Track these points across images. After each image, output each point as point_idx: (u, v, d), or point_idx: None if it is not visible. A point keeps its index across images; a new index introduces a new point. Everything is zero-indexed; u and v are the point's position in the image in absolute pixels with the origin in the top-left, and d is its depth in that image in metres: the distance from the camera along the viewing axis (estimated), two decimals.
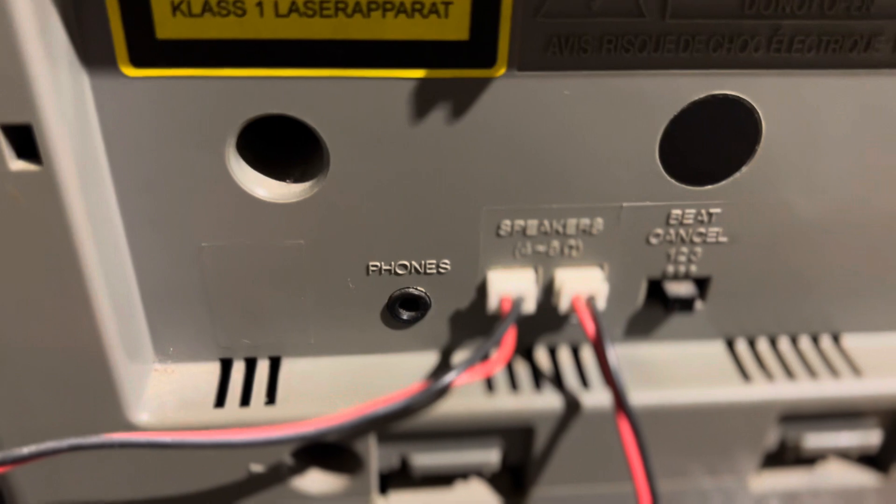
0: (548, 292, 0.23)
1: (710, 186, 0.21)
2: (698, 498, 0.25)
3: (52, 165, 0.17)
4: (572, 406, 0.23)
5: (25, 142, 0.17)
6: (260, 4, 0.17)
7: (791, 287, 0.23)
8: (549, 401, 0.22)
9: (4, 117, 0.16)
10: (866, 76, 0.20)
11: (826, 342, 0.25)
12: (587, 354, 0.24)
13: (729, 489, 0.25)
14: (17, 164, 0.17)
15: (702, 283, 0.23)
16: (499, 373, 0.23)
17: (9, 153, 0.17)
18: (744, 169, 0.21)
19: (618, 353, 0.24)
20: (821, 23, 0.19)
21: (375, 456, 0.23)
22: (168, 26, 0.17)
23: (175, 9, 0.17)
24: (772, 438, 0.24)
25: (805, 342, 0.24)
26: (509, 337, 0.21)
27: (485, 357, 0.21)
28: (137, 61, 0.18)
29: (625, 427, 0.21)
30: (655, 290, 0.23)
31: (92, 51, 0.18)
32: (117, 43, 0.18)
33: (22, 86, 0.16)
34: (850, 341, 0.25)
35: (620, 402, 0.21)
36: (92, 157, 0.18)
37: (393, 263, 0.22)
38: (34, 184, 0.17)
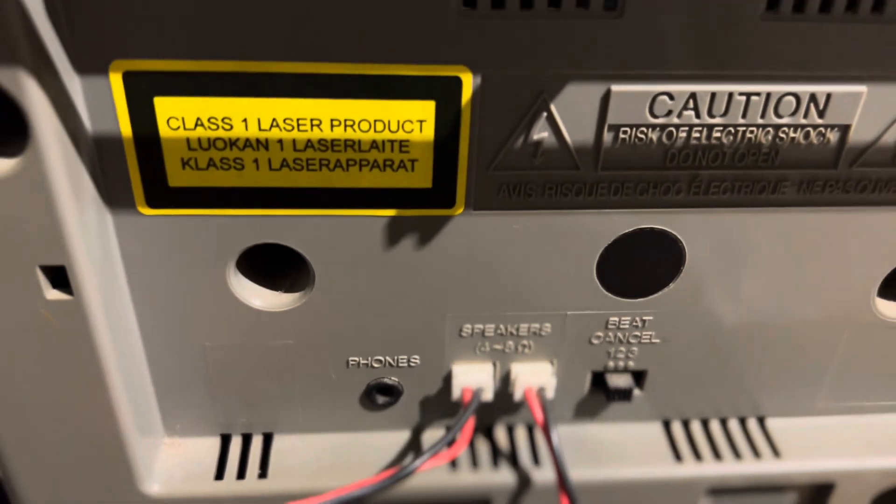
0: (505, 382, 0.26)
1: (642, 299, 0.24)
2: None
3: (81, 295, 0.20)
4: (524, 481, 0.26)
5: (60, 276, 0.20)
6: (256, 161, 0.21)
7: (720, 377, 0.27)
8: (505, 477, 0.26)
9: (42, 260, 0.20)
10: (776, 213, 0.23)
11: (752, 424, 0.28)
12: (540, 434, 0.27)
13: None
14: (52, 294, 0.21)
15: (639, 375, 0.27)
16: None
17: (45, 285, 0.20)
18: (671, 285, 0.24)
19: (566, 434, 0.27)
20: (734, 172, 0.22)
21: None
22: (179, 177, 0.21)
23: (184, 164, 0.21)
24: None
25: (734, 424, 0.28)
26: (469, 425, 0.25)
27: (450, 443, 0.25)
28: (152, 203, 0.21)
29: (564, 503, 0.24)
30: (599, 380, 0.26)
31: (114, 195, 0.21)
32: (135, 189, 0.21)
33: (57, 234, 0.19)
34: (774, 423, 0.28)
35: (562, 481, 0.24)
36: (114, 282, 0.22)
37: (370, 358, 0.25)
38: (66, 309, 0.21)
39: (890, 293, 0.26)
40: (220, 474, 0.25)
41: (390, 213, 0.22)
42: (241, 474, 0.25)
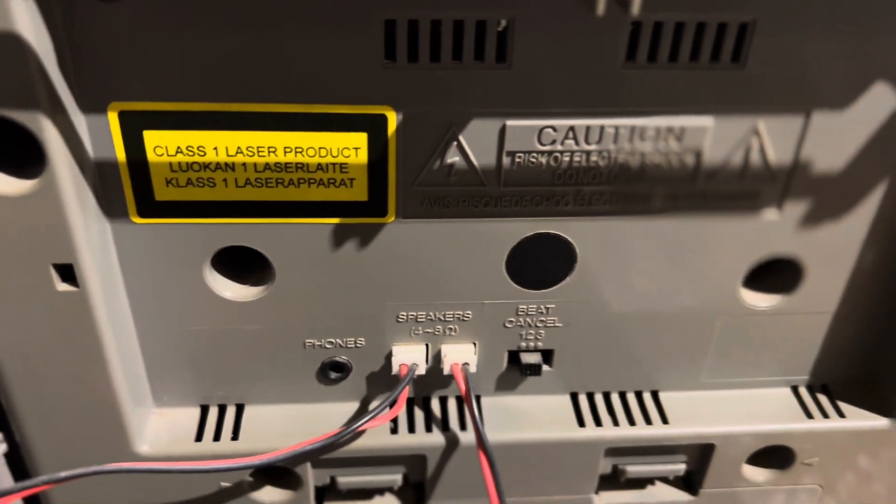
0: (437, 360, 0.31)
1: (545, 290, 0.30)
2: None
3: (85, 288, 0.26)
4: (452, 442, 0.31)
5: (68, 272, 0.26)
6: (225, 180, 0.26)
7: (618, 356, 0.32)
8: (437, 438, 0.31)
9: (54, 259, 0.25)
10: (649, 220, 0.28)
11: (647, 396, 0.33)
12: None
13: (576, 502, 0.34)
14: (62, 287, 0.26)
15: (548, 354, 0.32)
16: (402, 416, 0.32)
17: (56, 279, 0.26)
18: (568, 279, 0.29)
19: (490, 403, 0.32)
20: (610, 187, 0.27)
21: (311, 477, 0.32)
22: (164, 193, 0.26)
23: (168, 182, 0.26)
24: (605, 467, 0.33)
25: (631, 396, 0.33)
26: (404, 394, 0.30)
27: (390, 406, 0.30)
28: (143, 214, 0.26)
29: (483, 459, 0.30)
30: (514, 358, 0.32)
31: (112, 207, 0.26)
32: (129, 202, 0.26)
33: (66, 239, 0.25)
34: (665, 396, 0.33)
35: (480, 441, 0.30)
36: (112, 277, 0.27)
37: (323, 340, 0.30)
38: (73, 299, 0.26)
39: (758, 284, 0.31)
40: (199, 437, 0.31)
41: (335, 221, 0.27)
42: (217, 437, 0.31)
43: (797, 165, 0.27)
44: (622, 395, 0.33)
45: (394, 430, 0.31)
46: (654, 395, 0.33)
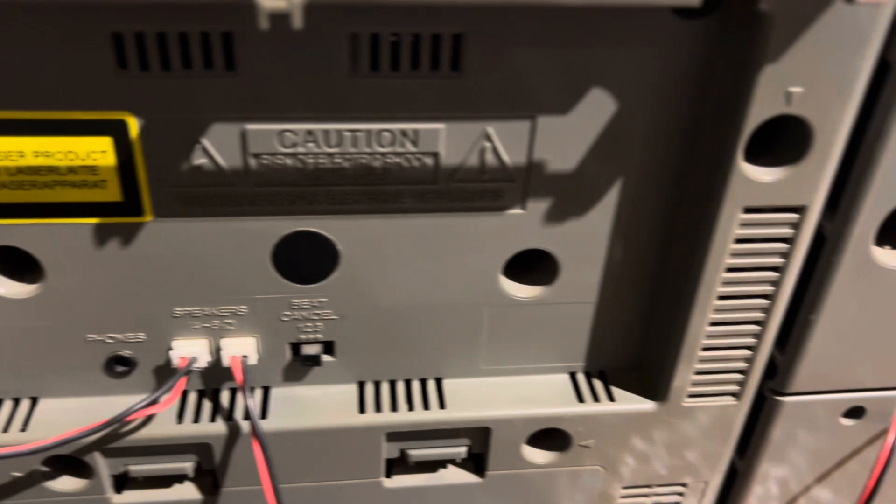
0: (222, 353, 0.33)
1: (314, 285, 0.31)
2: (345, 492, 0.35)
3: None
4: (235, 430, 0.33)
5: None
6: None
7: (399, 346, 0.34)
8: (220, 427, 0.33)
9: None
10: (403, 218, 0.30)
11: (431, 384, 0.35)
12: (258, 394, 0.34)
13: (367, 486, 0.35)
14: None
15: (330, 345, 0.34)
16: (189, 406, 0.33)
17: None
18: (334, 274, 0.31)
19: (278, 394, 0.34)
20: (360, 187, 0.29)
21: (104, 465, 0.33)
22: None
23: None
24: (392, 452, 0.35)
25: (416, 384, 0.35)
26: (179, 385, 0.31)
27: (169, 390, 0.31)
28: None
29: (255, 446, 0.31)
30: (297, 350, 0.33)
31: None
32: None
33: None
34: (449, 383, 0.35)
35: (253, 429, 0.31)
36: None
37: (104, 336, 0.32)
38: None
39: (530, 276, 0.33)
40: None
41: (95, 220, 0.29)
42: (6, 429, 0.32)
43: (532, 166, 0.30)
44: (407, 383, 0.35)
45: (179, 420, 0.33)
46: (438, 382, 0.35)
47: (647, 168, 0.30)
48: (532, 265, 0.33)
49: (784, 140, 0.29)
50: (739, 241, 0.30)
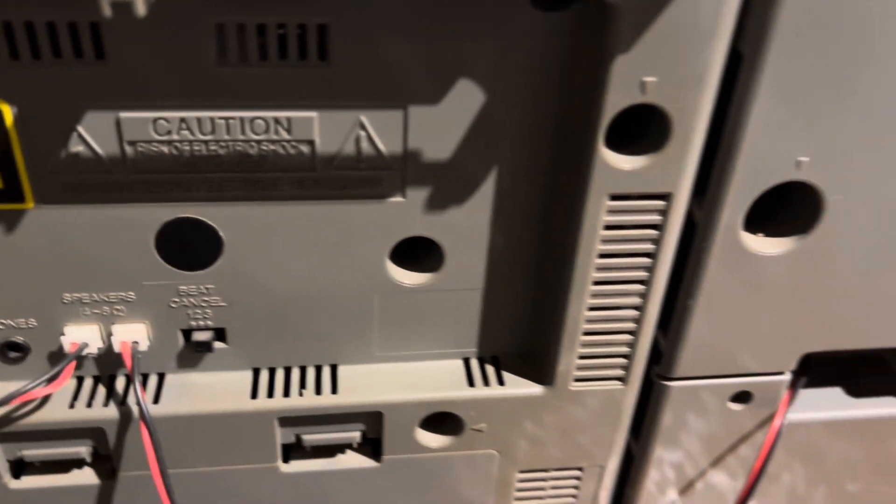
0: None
1: (200, 272, 0.32)
2: (244, 477, 0.36)
3: None
4: (126, 416, 0.33)
5: None
6: None
7: (292, 332, 0.35)
8: (112, 412, 0.33)
9: None
10: (284, 205, 0.31)
11: (326, 370, 0.36)
12: (152, 379, 0.35)
13: (264, 471, 0.36)
14: None
15: (221, 332, 0.34)
16: (84, 392, 0.34)
17: None
18: (220, 261, 0.32)
19: (173, 379, 0.35)
20: (237, 174, 0.30)
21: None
22: None
23: None
24: (288, 437, 0.36)
25: (311, 370, 0.36)
26: (68, 370, 0.32)
27: (49, 381, 0.32)
28: None
29: (143, 430, 0.32)
30: (188, 336, 0.34)
31: None
32: None
33: None
34: (344, 369, 0.36)
35: (141, 413, 0.32)
36: None
37: None
38: None
39: (416, 264, 0.34)
40: None
41: None
42: None
43: (408, 155, 0.30)
44: (302, 370, 0.36)
45: (72, 405, 0.34)
46: (333, 368, 0.36)
47: (520, 157, 0.31)
48: (421, 253, 0.34)
49: (649, 129, 0.30)
50: (609, 227, 0.31)
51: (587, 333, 0.34)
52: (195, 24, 0.27)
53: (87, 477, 0.36)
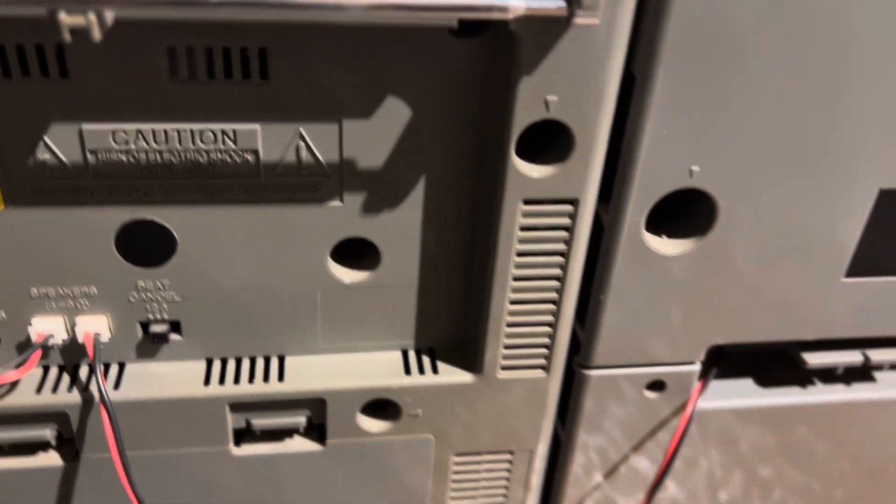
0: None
1: (156, 268, 0.36)
2: (198, 459, 0.39)
3: None
4: (88, 401, 0.37)
5: None
6: None
7: (242, 326, 0.38)
8: (76, 397, 0.36)
9: None
10: (234, 208, 0.34)
11: (275, 361, 0.39)
12: (113, 368, 0.38)
13: (217, 453, 0.39)
14: None
15: (177, 324, 0.38)
16: (50, 378, 0.37)
17: None
18: (173, 259, 0.35)
19: (133, 368, 0.38)
20: (191, 181, 0.33)
21: None
22: None
23: None
24: (239, 422, 0.39)
25: (260, 361, 0.39)
26: (34, 357, 0.35)
27: (17, 366, 0.35)
28: None
29: (104, 414, 0.35)
30: (146, 328, 0.37)
31: None
32: None
33: None
34: (291, 360, 0.39)
35: (101, 398, 0.35)
36: None
37: None
38: None
39: (357, 262, 0.38)
40: None
41: None
42: None
43: (344, 163, 0.34)
44: (252, 360, 0.39)
45: (38, 391, 0.37)
46: (281, 359, 0.40)
47: (446, 166, 0.35)
48: (360, 252, 0.37)
49: (557, 141, 0.34)
50: (525, 229, 0.35)
51: (510, 325, 0.38)
52: (148, 47, 0.30)
53: (51, 459, 0.39)
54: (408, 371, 0.40)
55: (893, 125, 0.35)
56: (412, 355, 0.41)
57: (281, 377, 0.39)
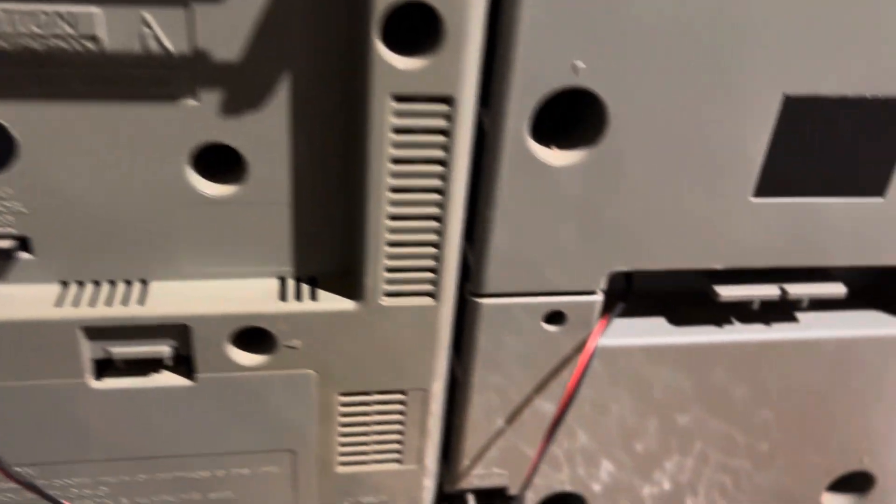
0: None
1: None
2: (54, 392, 0.36)
3: None
4: None
5: None
6: None
7: (99, 245, 0.35)
8: None
9: None
10: (76, 105, 0.31)
11: (137, 285, 0.36)
12: None
13: (74, 386, 0.36)
14: None
15: (26, 241, 0.34)
16: None
17: None
18: (17, 164, 0.32)
19: None
20: (25, 70, 0.30)
21: None
22: None
23: None
24: (98, 352, 0.36)
25: (122, 285, 0.36)
26: None
27: None
28: None
29: None
30: None
31: None
32: None
33: None
34: (155, 284, 0.36)
35: None
36: None
37: None
38: None
39: (223, 176, 0.35)
40: None
41: None
42: None
43: (197, 55, 0.31)
44: (112, 284, 0.36)
45: None
46: (144, 283, 0.36)
47: (312, 60, 0.32)
48: (230, 165, 0.35)
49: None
50: (397, 130, 0.32)
51: (391, 244, 0.35)
52: None
53: None
54: (283, 298, 0.37)
55: (797, 23, 0.33)
56: (290, 283, 0.38)
57: (142, 301, 0.35)
